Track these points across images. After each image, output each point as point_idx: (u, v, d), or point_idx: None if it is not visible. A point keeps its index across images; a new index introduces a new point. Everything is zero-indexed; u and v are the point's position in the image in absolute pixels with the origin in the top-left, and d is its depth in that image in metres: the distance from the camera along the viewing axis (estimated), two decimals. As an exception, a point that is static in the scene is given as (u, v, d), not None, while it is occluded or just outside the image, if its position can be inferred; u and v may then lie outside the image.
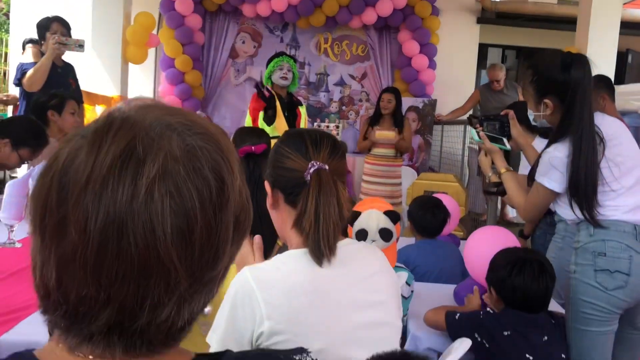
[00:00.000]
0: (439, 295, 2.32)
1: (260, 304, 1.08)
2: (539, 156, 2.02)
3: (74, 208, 0.46)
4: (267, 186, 1.27)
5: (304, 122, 4.18)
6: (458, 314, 1.86)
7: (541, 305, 1.82)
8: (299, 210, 1.16)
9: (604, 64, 4.96)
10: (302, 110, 4.20)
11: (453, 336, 1.88)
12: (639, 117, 4.31)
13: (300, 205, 1.16)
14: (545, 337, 1.78)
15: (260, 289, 1.10)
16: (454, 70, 7.00)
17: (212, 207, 0.50)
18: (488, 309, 1.89)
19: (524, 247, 2.60)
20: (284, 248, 1.40)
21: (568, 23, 6.12)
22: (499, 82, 5.74)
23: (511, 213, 6.07)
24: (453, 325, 1.82)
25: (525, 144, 2.31)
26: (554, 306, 2.28)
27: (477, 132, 2.28)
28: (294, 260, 1.16)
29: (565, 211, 1.97)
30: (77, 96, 3.78)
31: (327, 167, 1.18)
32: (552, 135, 2.00)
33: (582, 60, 1.93)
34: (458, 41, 7.02)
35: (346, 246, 1.22)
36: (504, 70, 5.81)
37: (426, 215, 2.68)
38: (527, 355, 1.74)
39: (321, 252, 1.13)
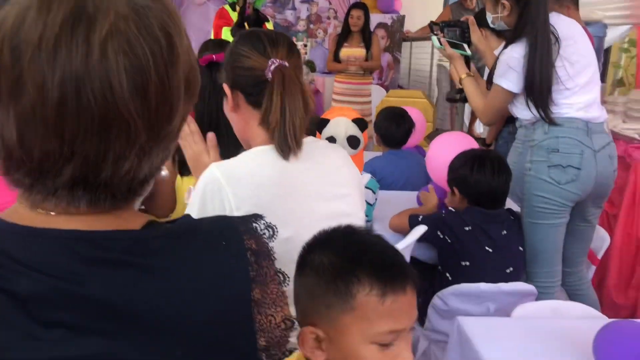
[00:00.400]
0: (403, 201, 2.41)
1: (229, 196, 1.12)
2: (497, 59, 2.06)
3: (29, 66, 0.48)
4: (226, 89, 1.26)
5: None
6: (421, 216, 1.96)
7: (501, 199, 1.92)
8: (264, 108, 1.18)
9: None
10: (269, 26, 4.14)
11: (418, 239, 1.98)
12: (604, 26, 4.33)
13: (265, 104, 1.17)
14: (505, 231, 1.90)
15: (228, 183, 1.13)
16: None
17: (164, 63, 0.52)
18: (450, 208, 1.99)
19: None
20: None
21: None
22: (470, 0, 5.61)
23: (478, 129, 6.17)
24: (416, 224, 1.91)
25: (485, 49, 2.34)
26: (513, 207, 2.40)
27: (438, 39, 2.30)
28: (261, 155, 1.19)
29: (522, 111, 2.03)
30: None
31: (287, 64, 1.18)
32: (509, 37, 2.03)
33: None
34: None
35: (311, 143, 1.26)
36: None
37: (391, 126, 2.73)
38: (487, 248, 1.86)
39: (288, 145, 1.16)
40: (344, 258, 0.86)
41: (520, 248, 1.95)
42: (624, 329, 1.16)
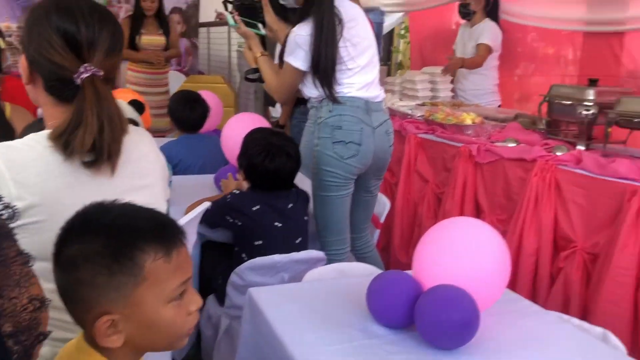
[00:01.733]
0: (201, 185, 2.41)
1: (8, 184, 1.01)
2: (287, 35, 2.11)
3: None
4: (22, 59, 1.10)
5: None
6: (211, 204, 1.96)
7: (286, 185, 2.01)
8: (74, 114, 1.04)
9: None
10: None
11: (210, 226, 2.00)
12: (381, 13, 4.73)
13: (74, 110, 1.05)
14: (291, 204, 1.99)
15: (9, 169, 1.01)
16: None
17: None
18: (235, 190, 2.02)
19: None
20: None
21: None
22: None
23: (274, 113, 6.36)
24: (206, 216, 1.90)
25: (279, 29, 2.36)
26: (307, 183, 2.53)
27: (233, 17, 2.28)
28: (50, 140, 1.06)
29: (311, 90, 2.13)
30: None
31: (102, 72, 1.06)
32: (297, 16, 2.09)
33: None
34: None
35: None
36: None
37: (185, 110, 2.71)
38: (276, 223, 1.94)
39: (105, 162, 1.07)
40: (117, 235, 0.84)
41: (305, 218, 2.07)
42: (388, 278, 1.31)
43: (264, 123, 2.45)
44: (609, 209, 1.97)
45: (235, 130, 2.32)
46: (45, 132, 1.07)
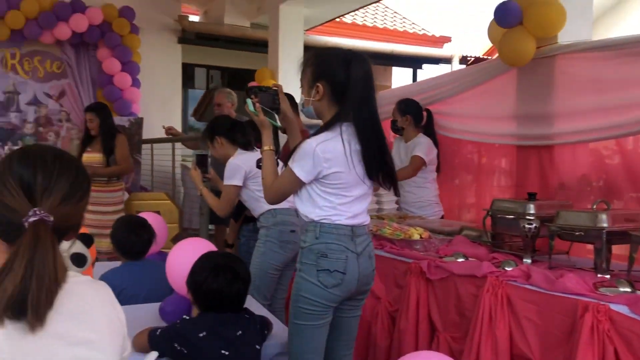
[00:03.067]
0: (146, 316, 2.28)
1: None
2: (300, 142, 2.04)
3: None
4: None
5: None
6: (159, 330, 1.86)
7: (235, 307, 1.94)
8: (8, 258, 1.01)
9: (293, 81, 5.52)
10: None
11: (160, 354, 1.87)
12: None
13: (9, 254, 1.02)
14: (240, 332, 1.90)
15: None
16: (159, 89, 6.99)
17: None
18: (185, 315, 1.94)
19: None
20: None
21: (262, 46, 6.66)
22: (220, 107, 5.05)
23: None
24: (154, 341, 1.81)
25: (293, 119, 2.29)
26: (259, 307, 2.44)
27: (253, 103, 2.17)
28: None
29: (306, 208, 2.05)
30: None
31: (51, 218, 1.05)
32: (319, 128, 2.04)
33: (362, 59, 2.03)
34: (161, 60, 7.04)
35: (71, 278, 1.09)
36: (230, 98, 5.09)
37: (130, 237, 2.62)
38: (223, 351, 1.83)
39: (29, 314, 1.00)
40: None
41: (257, 347, 1.96)
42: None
43: (209, 246, 2.39)
44: (562, 324, 1.97)
45: (181, 256, 2.25)
46: None
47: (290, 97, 2.78)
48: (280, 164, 2.41)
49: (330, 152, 1.96)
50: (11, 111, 6.40)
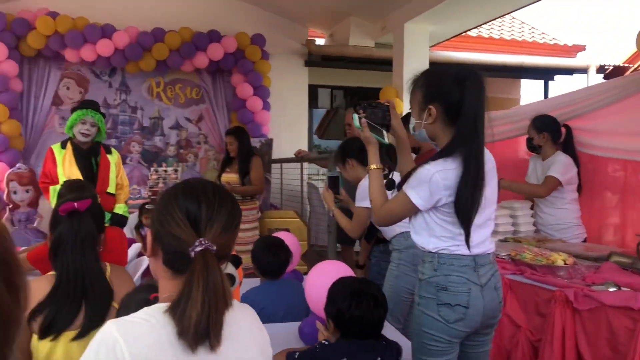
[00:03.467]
0: (285, 334, 2.36)
1: (125, 356, 1.06)
2: (417, 166, 1.94)
3: None
4: (149, 234, 1.22)
5: (114, 171, 4.02)
6: (297, 354, 1.91)
7: (375, 333, 1.94)
8: (183, 286, 1.12)
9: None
10: (112, 158, 4.03)
11: None
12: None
13: (184, 283, 1.12)
14: (378, 358, 1.89)
15: (126, 342, 1.07)
16: (287, 110, 7.27)
17: None
18: (324, 340, 1.97)
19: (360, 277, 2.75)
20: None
21: (386, 64, 6.70)
22: (350, 127, 5.13)
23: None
24: None
25: (404, 137, 2.18)
26: (392, 331, 2.43)
27: (359, 118, 2.09)
28: (162, 314, 1.13)
29: (421, 239, 1.96)
30: None
31: (215, 247, 1.15)
32: (437, 154, 1.92)
33: (477, 77, 1.86)
34: (289, 83, 7.32)
35: None
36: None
37: (268, 257, 2.73)
38: None
39: (209, 337, 1.11)
40: None
41: None
42: None
43: (348, 271, 2.43)
44: None
45: (320, 279, 2.31)
46: (158, 306, 1.15)
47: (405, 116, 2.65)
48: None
49: (450, 179, 1.84)
50: (156, 135, 6.97)
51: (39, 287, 1.90)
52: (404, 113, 4.93)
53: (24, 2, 6.17)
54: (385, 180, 2.14)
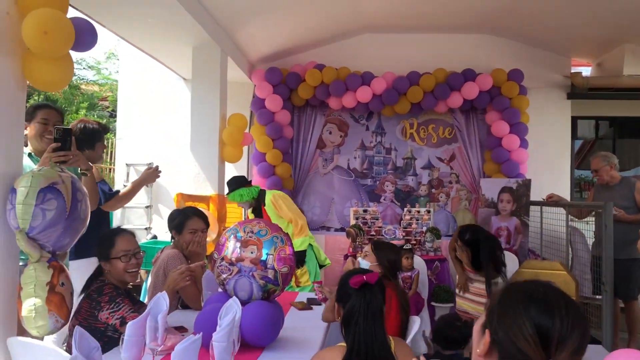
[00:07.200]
0: None
1: None
2: None
3: None
4: (487, 335, 1.13)
5: (274, 215, 4.92)
6: None
7: None
8: None
9: None
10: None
11: None
12: None
13: None
14: None
15: None
16: (546, 147, 6.79)
17: None
18: None
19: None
20: None
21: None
22: (597, 173, 5.00)
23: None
24: None
25: None
26: None
27: None
28: None
29: None
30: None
31: None
32: None
33: None
34: (549, 118, 6.84)
35: None
36: (607, 160, 4.99)
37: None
38: None
39: None
40: None
41: None
42: None
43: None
44: None
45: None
46: None
47: None
48: None
49: None
50: (408, 175, 7.09)
51: (330, 357, 1.99)
52: None
53: (296, 58, 6.86)
54: None
